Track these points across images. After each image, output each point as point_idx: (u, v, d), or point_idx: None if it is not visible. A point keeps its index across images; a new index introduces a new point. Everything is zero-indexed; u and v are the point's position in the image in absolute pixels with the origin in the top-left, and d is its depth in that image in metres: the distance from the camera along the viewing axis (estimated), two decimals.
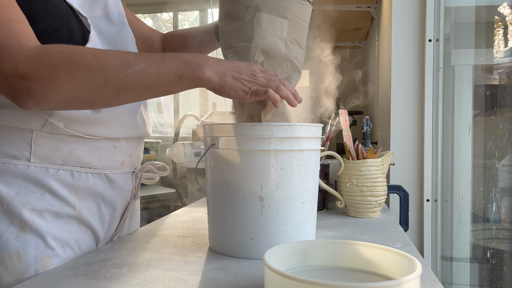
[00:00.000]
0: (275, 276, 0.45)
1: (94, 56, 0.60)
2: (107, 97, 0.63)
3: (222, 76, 0.65)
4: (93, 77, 0.60)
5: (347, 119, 1.06)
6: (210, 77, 0.64)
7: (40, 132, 0.68)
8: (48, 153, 0.69)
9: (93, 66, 0.60)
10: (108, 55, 0.61)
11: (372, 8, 1.94)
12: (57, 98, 0.60)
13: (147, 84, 0.63)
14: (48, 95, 0.59)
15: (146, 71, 0.62)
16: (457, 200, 1.38)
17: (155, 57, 0.63)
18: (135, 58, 0.62)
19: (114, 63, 0.61)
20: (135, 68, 0.61)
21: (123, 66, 0.61)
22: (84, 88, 0.61)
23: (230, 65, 0.66)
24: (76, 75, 0.59)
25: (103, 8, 0.76)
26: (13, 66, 0.57)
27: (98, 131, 0.73)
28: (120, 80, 0.61)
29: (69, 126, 0.69)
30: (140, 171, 0.86)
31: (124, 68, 0.61)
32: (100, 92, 0.62)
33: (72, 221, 0.72)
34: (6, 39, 0.58)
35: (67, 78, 0.59)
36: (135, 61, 0.62)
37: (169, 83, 0.64)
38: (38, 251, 0.67)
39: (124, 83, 0.62)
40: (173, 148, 1.94)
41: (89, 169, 0.73)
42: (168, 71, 0.63)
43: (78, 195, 0.72)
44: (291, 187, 0.67)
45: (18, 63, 0.58)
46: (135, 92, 0.64)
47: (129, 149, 0.80)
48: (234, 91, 0.66)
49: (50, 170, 0.69)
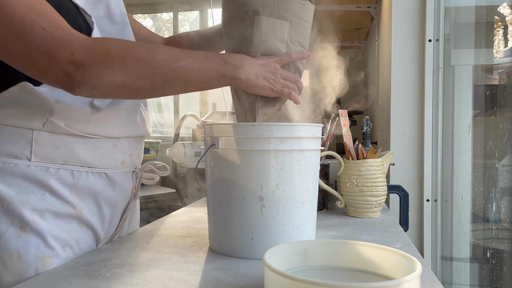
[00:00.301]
0: (275, 276, 0.45)
1: (145, 48, 0.64)
2: (154, 88, 0.67)
3: (256, 78, 0.71)
4: (144, 67, 0.64)
5: (347, 119, 1.06)
6: (246, 78, 0.70)
7: (41, 132, 0.68)
8: (49, 152, 0.69)
9: (145, 57, 0.64)
10: (158, 49, 0.65)
11: (372, 8, 1.93)
12: (109, 85, 0.63)
13: (192, 79, 0.67)
14: (102, 81, 0.62)
15: (192, 66, 0.66)
16: (457, 200, 1.38)
17: (199, 55, 0.68)
18: (181, 53, 0.67)
19: (163, 56, 0.65)
20: (182, 63, 0.66)
21: (172, 59, 0.65)
22: (135, 77, 0.64)
23: (259, 66, 0.73)
24: (128, 64, 0.63)
25: (105, 8, 0.77)
26: (69, 54, 0.60)
27: (99, 130, 0.73)
28: (168, 72, 0.65)
29: (69, 125, 0.69)
30: (141, 170, 0.86)
31: (172, 61, 0.65)
32: (149, 82, 0.66)
33: (72, 221, 0.72)
34: (58, 30, 0.60)
35: (121, 66, 0.62)
36: (182, 56, 0.66)
37: (210, 80, 0.69)
38: (38, 251, 0.67)
39: (171, 76, 0.66)
40: (173, 148, 1.94)
41: (89, 169, 0.73)
42: (211, 70, 0.68)
43: (79, 194, 0.72)
44: (291, 187, 0.67)
45: (74, 51, 0.60)
46: (179, 85, 0.68)
47: (130, 149, 0.80)
48: (263, 89, 0.73)
49: (51, 170, 0.69)
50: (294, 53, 0.77)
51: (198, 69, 0.67)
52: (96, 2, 0.75)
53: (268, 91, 0.73)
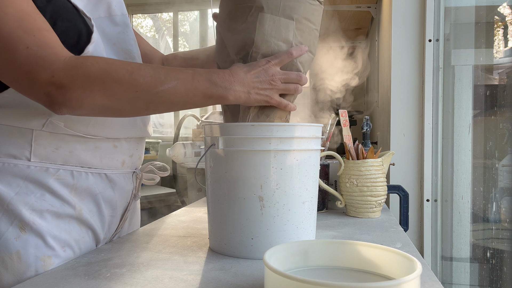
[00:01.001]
0: (275, 276, 0.45)
1: (127, 70, 0.63)
2: (137, 110, 0.67)
3: (247, 95, 0.69)
4: (125, 91, 0.63)
5: (347, 119, 1.06)
6: (236, 98, 0.68)
7: (41, 132, 0.68)
8: (49, 152, 0.69)
9: (126, 81, 0.62)
10: (140, 70, 0.63)
11: (372, 8, 1.94)
12: (90, 107, 0.63)
13: (176, 102, 0.66)
14: (82, 104, 0.62)
15: (176, 90, 0.65)
16: (457, 200, 1.38)
17: (186, 76, 0.66)
18: (166, 75, 0.65)
19: (146, 79, 0.63)
20: (166, 86, 0.64)
21: (155, 82, 0.63)
22: (116, 100, 0.63)
23: (253, 79, 0.70)
24: (109, 87, 0.62)
25: (106, 9, 0.76)
26: (49, 76, 0.60)
27: (98, 131, 0.73)
28: (151, 96, 0.64)
29: (69, 125, 0.69)
30: (141, 171, 0.86)
31: (155, 84, 0.63)
32: (131, 105, 0.65)
33: (72, 221, 0.72)
34: (41, 49, 0.60)
35: (101, 90, 0.62)
36: (166, 79, 0.64)
37: (197, 102, 0.67)
38: (38, 251, 0.67)
39: (154, 99, 0.64)
40: (173, 148, 1.94)
41: (89, 169, 0.73)
42: (197, 92, 0.66)
43: (78, 195, 0.72)
44: (291, 187, 0.67)
45: (54, 73, 0.60)
46: (163, 107, 0.67)
47: (130, 149, 0.80)
48: (257, 102, 0.71)
49: (50, 170, 0.69)
50: (294, 50, 0.72)
51: (183, 92, 0.65)
52: (97, 4, 0.75)
53: (262, 103, 0.72)
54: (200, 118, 2.18)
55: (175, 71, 0.66)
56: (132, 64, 0.64)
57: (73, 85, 0.60)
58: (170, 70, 0.66)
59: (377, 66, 1.96)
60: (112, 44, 0.76)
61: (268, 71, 0.70)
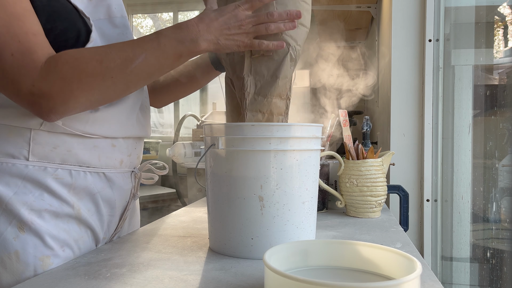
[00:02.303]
0: (275, 276, 0.45)
1: (97, 60, 0.63)
2: (120, 93, 0.68)
3: (216, 41, 0.68)
4: (102, 81, 0.64)
5: (347, 119, 1.06)
6: (206, 47, 0.68)
7: (39, 131, 0.68)
8: (47, 151, 0.69)
9: (99, 71, 0.63)
10: (109, 55, 0.64)
11: (372, 8, 1.94)
12: (76, 107, 0.64)
13: (152, 72, 0.67)
14: (67, 107, 0.63)
15: (147, 61, 0.65)
16: (457, 200, 1.38)
17: (152, 43, 0.66)
18: (133, 50, 0.65)
19: (116, 62, 0.63)
20: (137, 61, 0.64)
21: (125, 63, 0.64)
22: (97, 92, 0.65)
23: (219, 24, 0.68)
24: (86, 83, 0.63)
25: (106, 11, 0.77)
26: (30, 85, 0.61)
27: (97, 130, 0.73)
28: (127, 76, 0.65)
29: (67, 124, 0.69)
30: (139, 170, 0.86)
31: (126, 64, 0.64)
32: (112, 91, 0.66)
33: (71, 220, 0.72)
34: (23, 56, 0.60)
35: (79, 88, 0.62)
36: (135, 54, 0.64)
37: (170, 65, 0.68)
38: (37, 251, 0.67)
39: (131, 78, 0.65)
40: (173, 148, 1.94)
41: (87, 168, 0.73)
42: (167, 56, 0.66)
43: (77, 194, 0.72)
44: (291, 187, 0.67)
45: (34, 82, 0.61)
46: (142, 80, 0.68)
47: (128, 149, 0.80)
48: (229, 49, 0.70)
49: (49, 169, 0.69)
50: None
51: (155, 61, 0.65)
52: (98, 5, 0.75)
53: (234, 48, 0.70)
54: (200, 118, 2.18)
55: (140, 42, 0.66)
56: (99, 51, 0.64)
57: (52, 91, 0.61)
58: (135, 43, 0.66)
59: (377, 66, 1.96)
60: None
61: (237, 16, 0.69)
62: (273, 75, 0.73)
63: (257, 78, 0.73)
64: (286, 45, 0.73)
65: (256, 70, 0.73)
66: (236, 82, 0.76)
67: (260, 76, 0.73)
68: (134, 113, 0.80)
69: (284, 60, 0.73)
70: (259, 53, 0.73)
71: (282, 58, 0.73)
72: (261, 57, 0.73)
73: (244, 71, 0.73)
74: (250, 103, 0.73)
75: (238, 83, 0.74)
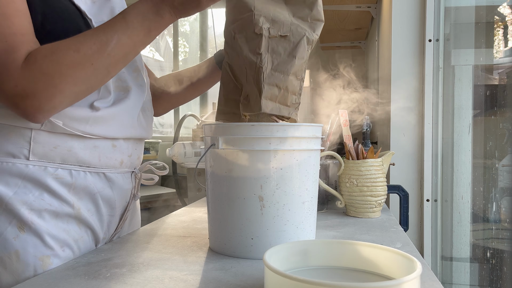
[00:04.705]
0: (275, 276, 0.45)
1: (74, 50, 0.62)
2: (102, 78, 0.67)
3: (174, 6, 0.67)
4: (83, 70, 0.63)
5: (347, 119, 1.06)
6: (170, 17, 0.68)
7: (39, 131, 0.68)
8: (47, 151, 0.69)
9: (78, 60, 0.62)
10: (84, 44, 0.63)
11: (372, 8, 1.93)
12: (63, 101, 0.64)
13: (128, 51, 0.67)
14: (54, 104, 0.63)
15: (121, 42, 0.65)
16: (457, 200, 1.38)
17: (120, 24, 0.66)
18: (105, 33, 0.65)
19: (93, 48, 0.63)
20: (112, 44, 0.64)
21: (101, 47, 0.64)
22: (81, 82, 0.64)
23: None
24: (69, 75, 0.62)
25: (110, 13, 0.77)
26: (13, 86, 0.60)
27: (97, 130, 0.73)
28: (105, 60, 0.64)
29: (68, 124, 0.69)
30: (140, 171, 0.86)
31: (103, 48, 0.64)
32: (95, 78, 0.65)
33: (71, 220, 0.72)
34: (6, 55, 0.60)
35: (63, 81, 0.62)
36: (107, 37, 0.64)
37: (143, 40, 0.68)
38: (37, 251, 0.67)
39: (109, 61, 0.65)
40: (173, 148, 1.94)
41: (87, 168, 0.73)
42: (137, 32, 0.67)
43: (77, 194, 0.72)
44: (291, 187, 0.67)
45: (17, 82, 0.60)
46: (121, 61, 0.67)
47: (129, 149, 0.80)
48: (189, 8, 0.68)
49: (49, 169, 0.69)
50: None
51: (128, 40, 0.66)
52: (101, 7, 0.76)
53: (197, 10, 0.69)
54: (200, 118, 2.18)
55: (110, 24, 0.66)
56: (74, 41, 0.64)
57: (36, 90, 0.60)
58: (106, 26, 0.66)
59: (377, 66, 1.96)
60: None
61: None
62: (289, 55, 0.74)
63: (274, 56, 0.74)
64: (303, 30, 0.74)
65: (273, 49, 0.74)
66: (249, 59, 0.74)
67: (277, 54, 0.74)
68: (135, 114, 0.80)
69: (301, 42, 0.74)
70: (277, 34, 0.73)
71: (298, 40, 0.74)
72: (278, 37, 0.74)
73: (262, 49, 0.73)
74: (267, 77, 0.72)
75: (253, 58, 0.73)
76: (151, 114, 0.88)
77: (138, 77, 0.82)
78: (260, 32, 0.72)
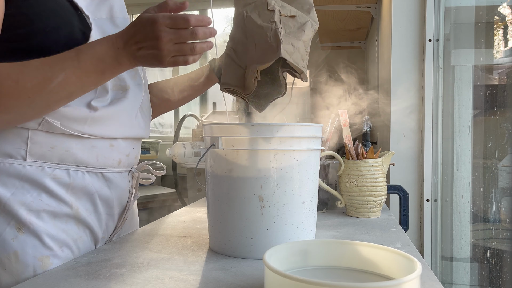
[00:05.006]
0: (275, 276, 0.45)
1: (13, 79, 0.60)
2: (40, 111, 0.65)
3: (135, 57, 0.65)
4: (18, 101, 0.61)
5: (347, 119, 1.06)
6: (126, 63, 0.66)
7: (36, 131, 0.68)
8: (44, 151, 0.69)
9: (15, 92, 0.60)
10: (25, 75, 0.60)
11: (372, 8, 1.93)
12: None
13: (74, 91, 0.64)
14: None
15: (67, 81, 0.62)
16: (457, 200, 1.38)
17: (71, 62, 0.63)
18: (51, 68, 0.61)
19: (33, 82, 0.60)
20: (55, 81, 0.61)
21: (43, 82, 0.61)
22: (13, 113, 0.62)
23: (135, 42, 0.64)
24: (2, 103, 0.60)
25: (108, 11, 0.76)
26: None
27: (95, 130, 0.73)
28: (46, 95, 0.62)
29: (65, 125, 0.69)
30: (137, 170, 0.85)
31: (44, 84, 0.61)
32: (31, 110, 0.63)
33: (69, 220, 0.72)
34: None
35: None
36: (53, 73, 0.61)
37: (94, 82, 0.66)
38: (36, 251, 0.67)
39: (49, 98, 0.62)
40: (173, 148, 1.94)
41: (85, 168, 0.73)
42: (88, 74, 0.64)
43: (75, 194, 0.72)
44: (291, 187, 0.67)
45: None
46: (64, 99, 0.65)
47: (126, 149, 0.80)
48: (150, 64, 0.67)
49: (46, 169, 0.69)
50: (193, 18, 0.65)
51: (76, 80, 0.63)
52: (100, 4, 0.75)
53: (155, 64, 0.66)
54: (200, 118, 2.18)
55: (60, 60, 0.62)
56: (15, 69, 0.60)
57: None
58: (54, 61, 0.62)
59: (377, 66, 1.96)
60: None
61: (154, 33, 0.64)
62: (299, 28, 0.78)
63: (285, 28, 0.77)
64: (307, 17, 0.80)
65: (285, 23, 0.77)
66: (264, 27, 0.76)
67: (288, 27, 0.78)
68: (133, 114, 0.80)
69: (307, 23, 0.79)
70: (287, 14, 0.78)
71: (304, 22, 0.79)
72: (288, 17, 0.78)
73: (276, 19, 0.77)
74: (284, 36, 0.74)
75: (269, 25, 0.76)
76: (149, 113, 0.88)
77: (136, 76, 0.82)
78: (273, 9, 0.77)
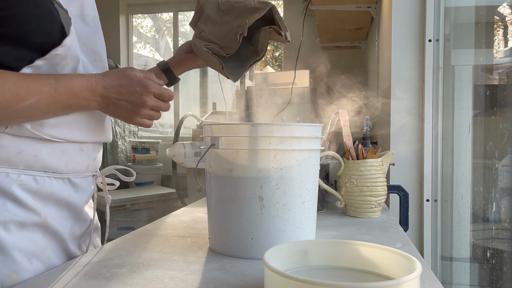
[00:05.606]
0: (275, 276, 0.45)
1: None
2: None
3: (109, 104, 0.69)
4: None
5: (347, 119, 1.06)
6: (94, 106, 0.69)
7: (3, 134, 0.64)
8: (10, 156, 0.64)
9: None
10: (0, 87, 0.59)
11: (372, 8, 1.93)
12: None
13: (35, 115, 0.64)
14: None
15: (37, 105, 0.62)
16: (457, 200, 1.38)
17: (48, 88, 0.63)
18: (28, 89, 0.61)
19: (5, 96, 0.59)
20: (27, 102, 0.61)
21: (15, 100, 0.60)
22: None
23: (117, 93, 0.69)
24: None
25: (79, 7, 0.73)
26: None
27: (67, 134, 0.69)
28: (9, 113, 0.61)
29: (36, 128, 0.65)
30: (102, 174, 0.82)
31: (15, 102, 0.60)
32: None
33: (36, 229, 0.68)
34: None
35: None
36: (28, 94, 0.61)
37: (56, 112, 0.66)
38: (4, 267, 0.63)
39: (12, 115, 0.62)
40: (173, 148, 1.94)
41: (53, 174, 0.69)
42: (58, 104, 0.64)
43: (42, 200, 0.68)
44: (291, 187, 0.67)
45: None
46: (19, 120, 0.64)
47: (94, 153, 0.77)
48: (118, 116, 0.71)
49: (11, 175, 0.64)
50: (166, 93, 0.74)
51: (44, 106, 0.63)
52: (71, 0, 0.71)
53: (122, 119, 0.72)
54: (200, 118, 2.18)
55: (38, 83, 0.62)
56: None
57: None
58: (33, 82, 0.62)
59: (377, 66, 1.96)
60: (81, 43, 0.72)
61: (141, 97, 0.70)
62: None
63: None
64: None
65: None
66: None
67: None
68: (103, 117, 0.77)
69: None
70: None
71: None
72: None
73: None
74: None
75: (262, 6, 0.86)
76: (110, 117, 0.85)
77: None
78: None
